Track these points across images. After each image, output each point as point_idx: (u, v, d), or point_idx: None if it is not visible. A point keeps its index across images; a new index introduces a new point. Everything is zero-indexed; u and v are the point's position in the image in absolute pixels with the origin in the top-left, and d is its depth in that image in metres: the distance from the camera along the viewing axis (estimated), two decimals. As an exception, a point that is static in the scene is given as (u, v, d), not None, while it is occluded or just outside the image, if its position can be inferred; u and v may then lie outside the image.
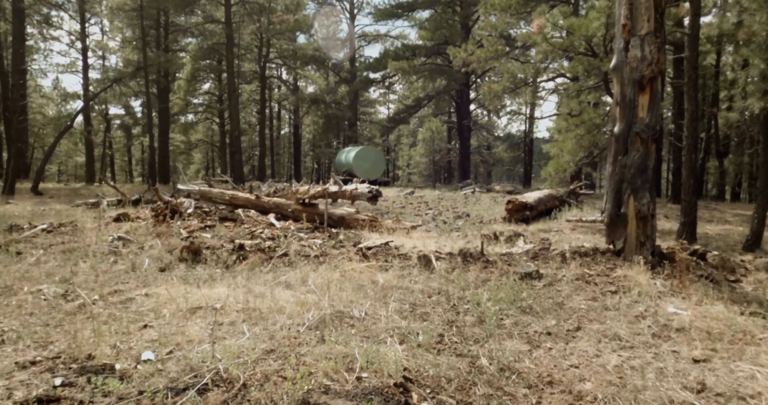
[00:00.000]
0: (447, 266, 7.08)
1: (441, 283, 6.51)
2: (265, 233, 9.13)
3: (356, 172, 32.30)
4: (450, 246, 9.28)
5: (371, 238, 9.81)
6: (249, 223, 10.59)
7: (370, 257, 7.43)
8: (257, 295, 5.88)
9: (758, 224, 9.33)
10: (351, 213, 11.01)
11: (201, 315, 5.12)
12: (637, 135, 6.99)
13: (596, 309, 5.49)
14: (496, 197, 22.22)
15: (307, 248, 8.21)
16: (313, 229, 10.36)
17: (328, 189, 10.38)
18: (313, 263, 7.49)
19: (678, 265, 6.26)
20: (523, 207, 13.56)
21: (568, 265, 6.86)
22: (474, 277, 6.72)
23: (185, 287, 6.32)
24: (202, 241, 8.46)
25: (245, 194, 12.31)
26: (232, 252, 7.87)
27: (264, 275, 6.95)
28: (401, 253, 7.56)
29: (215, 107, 43.75)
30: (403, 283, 6.54)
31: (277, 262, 7.57)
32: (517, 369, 4.03)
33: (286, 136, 61.86)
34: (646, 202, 6.93)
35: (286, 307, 5.26)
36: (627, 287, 6.05)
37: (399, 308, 5.42)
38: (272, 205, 11.81)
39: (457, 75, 34.73)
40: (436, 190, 25.88)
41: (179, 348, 4.15)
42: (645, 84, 7.05)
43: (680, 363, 4.01)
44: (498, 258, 7.32)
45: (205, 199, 12.59)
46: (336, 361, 3.88)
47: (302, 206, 11.44)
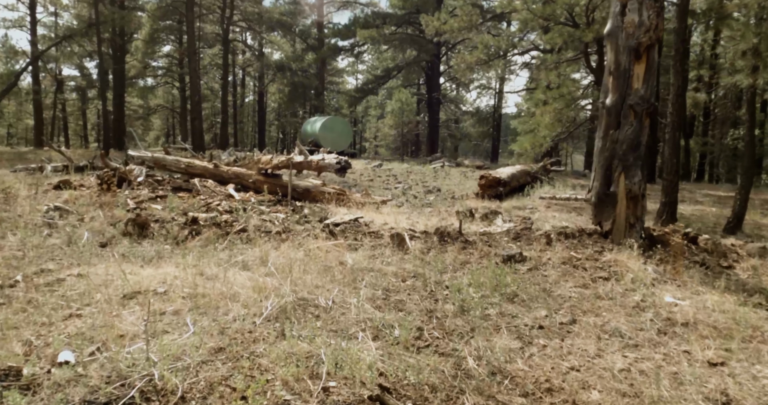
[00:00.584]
0: (422, 246, 6.47)
1: (416, 265, 5.90)
2: (223, 205, 8.34)
3: (322, 143, 31.34)
4: (423, 223, 8.68)
5: (339, 213, 9.13)
6: (206, 194, 9.76)
7: (338, 235, 6.76)
8: (209, 278, 5.16)
9: (740, 206, 9.03)
10: (317, 185, 10.27)
11: (140, 301, 4.39)
12: (630, 108, 6.45)
13: (588, 298, 4.97)
14: (465, 172, 21.72)
15: (269, 223, 7.48)
16: (275, 202, 9.60)
17: (293, 159, 9.61)
18: (274, 240, 6.77)
19: (672, 250, 5.79)
20: (497, 183, 13.06)
21: (553, 248, 6.34)
22: (452, 259, 6.13)
23: (127, 266, 5.55)
24: (150, 214, 7.63)
25: (203, 163, 11.41)
26: (184, 226, 7.09)
27: (219, 253, 6.22)
28: (372, 230, 6.92)
29: (176, 71, 41.75)
30: (374, 265, 5.91)
31: (234, 238, 6.82)
32: (509, 372, 3.47)
33: (251, 104, 59.98)
34: (637, 180, 6.43)
35: (241, 293, 4.57)
36: (618, 273, 5.56)
37: (371, 295, 4.79)
38: (232, 175, 10.96)
39: (428, 46, 33.80)
40: (404, 163, 25.25)
41: (107, 346, 3.43)
42: (641, 52, 6.48)
43: (695, 367, 3.50)
44: (477, 238, 6.75)
45: (158, 166, 11.64)
46: (298, 364, 3.23)
47: (264, 177, 10.63)
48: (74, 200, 8.51)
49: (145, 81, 43.58)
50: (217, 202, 8.60)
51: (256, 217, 7.87)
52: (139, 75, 39.13)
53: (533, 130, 12.15)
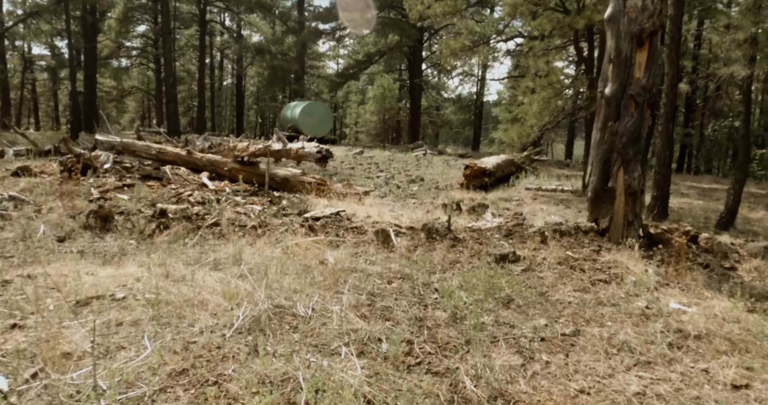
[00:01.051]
0: (408, 243, 6.05)
1: (403, 264, 5.48)
2: (195, 196, 7.80)
3: (302, 129, 30.66)
4: (408, 216, 8.26)
5: (319, 205, 8.65)
6: (177, 182, 9.19)
7: (318, 230, 6.30)
8: (175, 280, 4.68)
9: (734, 201, 8.79)
10: (296, 174, 9.76)
11: (95, 309, 3.90)
12: (631, 98, 6.07)
13: (590, 304, 4.61)
14: (448, 160, 21.34)
15: (244, 216, 6.98)
16: (252, 192, 9.08)
17: (271, 147, 9.07)
18: (249, 236, 6.29)
19: (675, 251, 5.46)
20: (482, 173, 12.68)
21: (548, 246, 5.97)
22: (441, 258, 5.73)
23: (85, 265, 5.04)
24: (116, 205, 7.07)
25: (175, 149, 10.80)
26: (151, 219, 6.55)
27: (188, 250, 5.72)
28: (355, 225, 6.47)
29: (151, 52, 40.46)
30: (357, 264, 5.47)
31: (205, 233, 6.32)
32: (511, 395, 3.08)
33: (229, 88, 58.69)
34: (637, 175, 6.07)
35: (210, 300, 4.10)
36: (619, 276, 5.21)
37: (355, 301, 4.36)
38: (206, 163, 10.38)
39: (411, 31, 33.14)
40: (386, 151, 24.76)
41: (48, 368, 2.95)
42: (644, 39, 6.09)
43: (717, 390, 3.15)
44: (467, 234, 6.35)
45: (128, 152, 11.00)
46: (273, 390, 2.80)
47: (240, 165, 10.08)
48: (32, 189, 7.89)
49: (119, 62, 42.24)
50: (189, 192, 8.06)
51: (230, 209, 7.36)
52: (113, 55, 37.78)
53: (520, 119, 11.77)
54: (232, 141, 11.77)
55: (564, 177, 16.70)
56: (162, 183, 8.91)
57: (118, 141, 10.99)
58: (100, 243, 5.87)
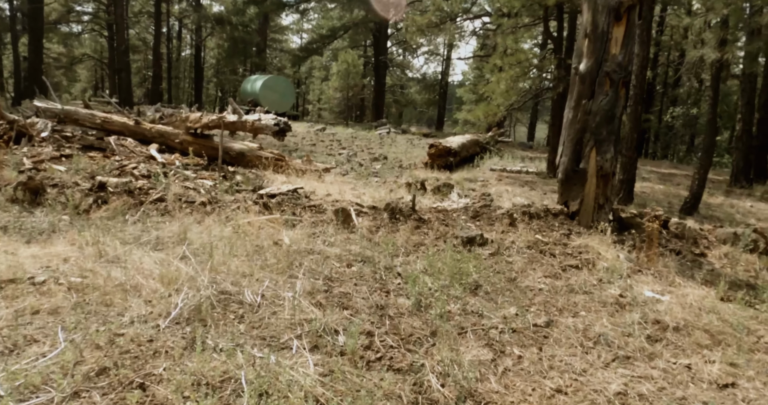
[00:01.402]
0: (370, 224, 5.67)
1: (364, 246, 5.11)
2: (140, 169, 7.21)
3: (263, 103, 29.66)
4: (371, 195, 7.87)
5: (276, 182, 8.17)
6: (122, 154, 8.53)
7: (274, 208, 5.85)
8: (109, 261, 4.18)
9: (698, 186, 8.72)
10: (253, 149, 9.21)
11: (8, 294, 3.39)
12: (606, 75, 5.78)
13: (561, 291, 4.34)
14: (412, 140, 20.98)
15: (193, 192, 6.46)
16: (204, 166, 8.51)
17: (225, 118, 8.46)
18: (198, 213, 5.79)
19: (647, 237, 5.25)
20: (447, 152, 12.37)
21: (517, 229, 5.68)
22: (404, 240, 5.37)
23: (6, 244, 4.48)
24: (49, 176, 6.43)
25: (122, 118, 10.06)
26: (88, 193, 5.97)
27: (128, 228, 5.19)
28: (313, 203, 6.04)
29: (103, 18, 38.40)
30: (315, 246, 5.07)
31: (149, 209, 5.79)
32: (482, 396, 2.76)
33: (187, 59, 56.55)
34: (609, 157, 5.82)
35: (145, 285, 3.63)
36: (590, 261, 4.97)
37: (310, 287, 3.96)
38: (155, 134, 9.71)
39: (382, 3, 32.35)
40: (349, 128, 24.20)
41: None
42: (622, 13, 5.79)
43: (703, 389, 2.91)
44: (432, 215, 6.01)
45: (70, 121, 10.20)
46: (209, 394, 2.39)
47: (193, 137, 9.46)
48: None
49: (69, 27, 40.04)
50: (134, 165, 7.44)
51: (178, 183, 6.81)
52: (62, 20, 35.68)
53: (486, 98, 11.46)
54: (184, 112, 11.08)
55: (528, 159, 16.58)
56: (105, 154, 8.24)
57: (59, 108, 10.16)
58: (27, 218, 5.28)
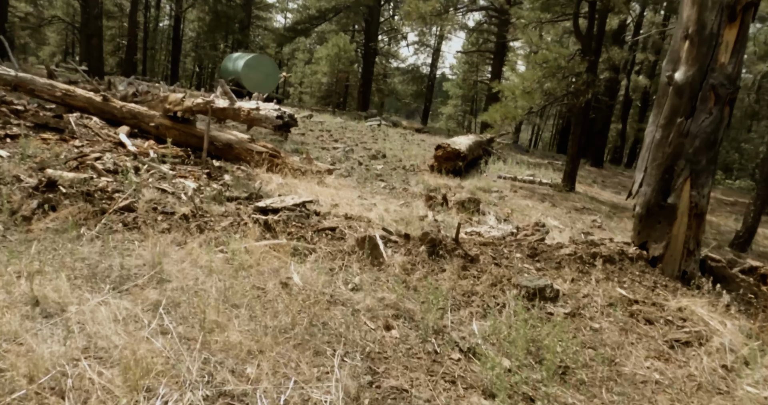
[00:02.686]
0: (404, 259, 4.37)
1: (400, 293, 3.83)
2: (106, 160, 5.74)
3: (244, 83, 27.98)
4: (384, 208, 6.58)
5: (272, 184, 6.80)
6: (85, 138, 7.02)
7: (277, 229, 4.50)
8: (47, 315, 2.83)
9: (754, 219, 7.69)
10: (242, 140, 7.79)
11: None
12: (712, 89, 4.58)
13: (685, 387, 3.14)
14: (405, 134, 19.68)
15: (171, 197, 5.06)
16: (184, 159, 7.07)
17: (214, 103, 6.98)
18: (178, 229, 4.41)
19: (755, 296, 4.09)
20: (455, 156, 11.12)
21: (589, 276, 4.46)
22: (451, 286, 4.10)
23: None
24: (-17, 166, 4.94)
25: (87, 93, 8.49)
26: (33, 192, 4.52)
27: (82, 249, 3.81)
28: (327, 226, 4.71)
29: (77, -22, 35.81)
30: (336, 290, 3.77)
31: (113, 220, 4.38)
32: None
33: (165, 30, 53.89)
34: (707, 192, 4.65)
35: (96, 384, 2.28)
36: (701, 335, 3.77)
37: (348, 372, 2.67)
38: (126, 115, 8.18)
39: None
40: (337, 117, 22.72)
41: None
42: (738, 12, 4.59)
43: None
44: (478, 249, 4.75)
45: (25, 91, 8.59)
46: None
47: (172, 122, 7.98)
48: None
49: (38, -15, 37.34)
50: (98, 154, 5.97)
51: (153, 184, 5.39)
52: (30, -24, 33.09)
53: (509, 99, 10.26)
54: (162, 90, 9.54)
55: (532, 165, 15.47)
56: (63, 137, 6.73)
57: (12, 75, 8.53)
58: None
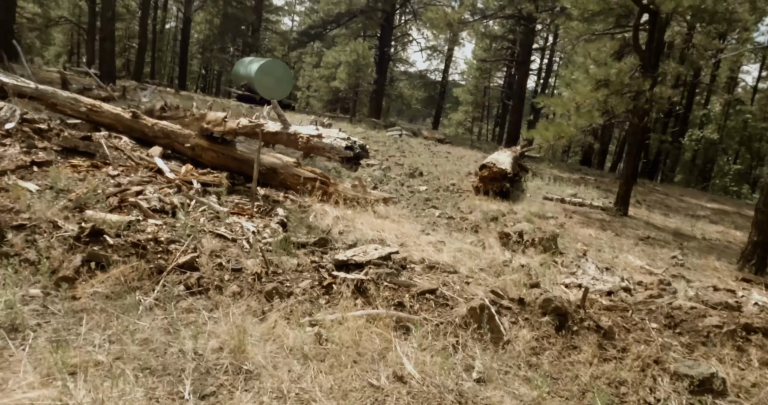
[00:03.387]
0: (528, 334, 3.60)
1: (537, 387, 3.06)
2: (149, 195, 4.97)
3: (257, 89, 27.26)
4: (457, 249, 5.80)
5: (327, 218, 6.03)
6: (117, 162, 6.25)
7: (370, 292, 3.73)
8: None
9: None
10: (288, 164, 7.02)
11: None
12: None
13: None
14: (429, 146, 18.91)
15: (232, 245, 4.29)
16: (230, 188, 6.29)
17: (265, 127, 6.16)
18: (251, 294, 3.65)
19: None
20: (502, 176, 10.36)
21: (748, 356, 3.69)
22: (590, 374, 3.33)
23: None
24: (11, 206, 4.17)
25: (115, 109, 7.72)
26: (75, 244, 3.76)
27: (142, 324, 3.06)
28: (426, 288, 3.93)
29: (84, -21, 35.10)
30: (461, 383, 3.01)
31: (173, 281, 3.61)
32: None
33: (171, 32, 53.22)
34: None
35: None
36: None
37: None
38: (159, 134, 7.41)
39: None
40: (356, 127, 21.95)
41: None
42: None
43: None
44: (606, 316, 3.97)
45: (46, 105, 7.84)
46: None
47: (209, 142, 7.21)
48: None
49: (45, -15, 36.64)
50: (138, 187, 5.20)
51: (207, 226, 4.62)
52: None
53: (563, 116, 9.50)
54: (195, 105, 8.76)
55: (568, 182, 14.71)
56: (94, 162, 5.95)
57: (32, 87, 7.77)
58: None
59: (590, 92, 8.94)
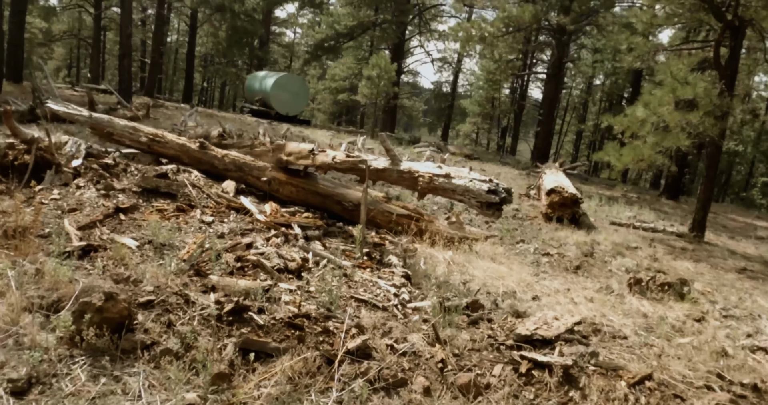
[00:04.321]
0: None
1: None
2: (264, 250, 4.30)
3: (273, 104, 26.66)
4: (590, 299, 5.16)
5: (439, 263, 5.38)
6: (198, 200, 5.58)
7: (582, 383, 3.07)
8: None
9: None
10: (378, 199, 6.38)
11: None
12: None
13: None
14: (461, 163, 18.32)
15: (386, 317, 3.62)
16: (324, 229, 5.63)
17: (372, 164, 5.39)
18: (443, 388, 2.98)
19: None
20: (573, 202, 9.74)
21: None
22: None
23: None
24: (124, 273, 3.49)
25: (179, 139, 7.05)
26: (219, 326, 3.09)
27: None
28: (643, 374, 3.27)
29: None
30: None
31: (349, 376, 2.94)
32: None
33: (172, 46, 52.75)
34: None
35: None
36: None
37: None
38: (230, 166, 6.74)
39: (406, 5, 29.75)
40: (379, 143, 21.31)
41: None
42: None
43: None
44: None
45: (102, 134, 7.16)
46: None
47: (288, 175, 6.56)
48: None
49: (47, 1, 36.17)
50: (245, 238, 4.53)
51: (344, 290, 3.95)
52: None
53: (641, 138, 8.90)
54: (263, 131, 8.04)
55: (621, 202, 14.12)
56: (179, 205, 5.27)
57: (86, 115, 7.08)
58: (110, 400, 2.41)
59: (676, 112, 8.34)
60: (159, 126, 13.55)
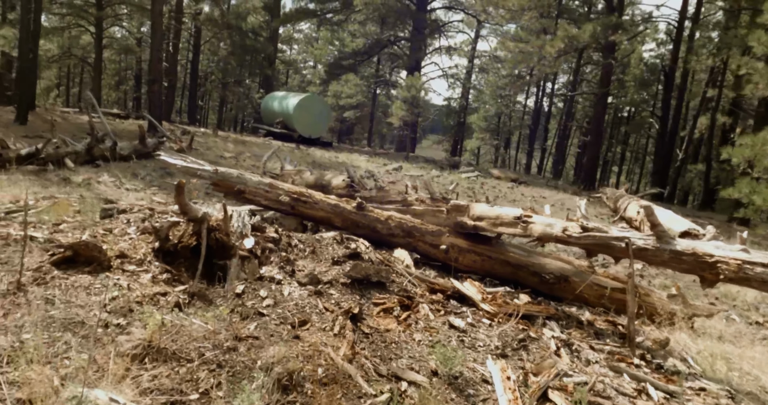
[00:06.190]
0: None
1: None
2: (576, 376, 3.27)
3: (296, 126, 25.61)
4: None
5: (702, 360, 4.37)
6: (406, 285, 4.53)
7: None
8: None
9: None
10: (581, 269, 5.39)
11: None
12: None
13: None
14: (513, 189, 17.44)
15: None
16: (555, 318, 4.61)
17: (629, 240, 4.25)
18: None
19: None
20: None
21: None
22: None
23: None
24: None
25: (328, 197, 6.00)
26: None
27: None
28: None
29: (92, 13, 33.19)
30: None
31: None
32: None
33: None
34: None
35: None
36: None
37: None
38: (397, 230, 5.69)
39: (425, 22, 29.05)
40: (421, 166, 20.34)
41: None
42: None
43: None
44: None
45: (226, 191, 6.09)
46: None
47: (469, 242, 5.54)
48: None
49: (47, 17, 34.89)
50: (538, 353, 3.49)
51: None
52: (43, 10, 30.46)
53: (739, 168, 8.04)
54: (433, 184, 6.94)
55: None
56: (401, 298, 4.20)
57: (211, 170, 5.99)
58: None
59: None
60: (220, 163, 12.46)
